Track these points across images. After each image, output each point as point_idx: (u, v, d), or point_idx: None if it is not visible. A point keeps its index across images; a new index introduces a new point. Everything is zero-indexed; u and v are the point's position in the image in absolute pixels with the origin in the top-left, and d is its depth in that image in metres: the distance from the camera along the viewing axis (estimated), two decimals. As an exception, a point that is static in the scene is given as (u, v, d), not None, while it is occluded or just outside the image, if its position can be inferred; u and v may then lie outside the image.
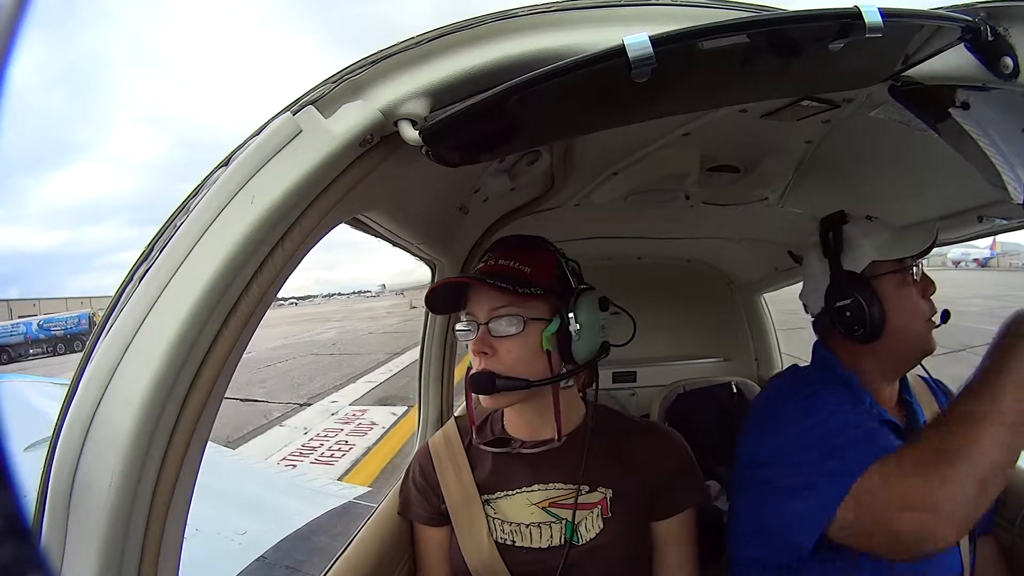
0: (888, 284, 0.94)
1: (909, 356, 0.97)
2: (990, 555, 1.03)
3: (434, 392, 1.46)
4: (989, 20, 0.60)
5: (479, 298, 0.89)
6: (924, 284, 0.96)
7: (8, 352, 25.44)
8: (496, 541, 0.93)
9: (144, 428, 0.49)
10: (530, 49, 0.59)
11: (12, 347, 25.69)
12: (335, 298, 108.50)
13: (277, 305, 49.61)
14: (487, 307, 0.88)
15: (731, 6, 0.61)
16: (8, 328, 27.07)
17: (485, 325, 0.88)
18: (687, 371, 2.10)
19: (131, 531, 0.50)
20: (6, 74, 0.26)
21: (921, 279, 0.96)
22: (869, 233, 0.98)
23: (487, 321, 0.88)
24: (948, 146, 0.76)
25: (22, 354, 25.46)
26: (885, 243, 0.96)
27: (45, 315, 29.99)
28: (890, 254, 0.95)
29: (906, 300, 0.94)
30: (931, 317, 0.95)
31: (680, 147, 1.14)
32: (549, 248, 0.95)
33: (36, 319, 27.84)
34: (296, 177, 0.54)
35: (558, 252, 0.95)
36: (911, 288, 0.95)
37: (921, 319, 0.95)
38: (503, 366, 0.87)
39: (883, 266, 0.95)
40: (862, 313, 0.92)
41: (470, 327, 0.90)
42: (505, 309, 0.88)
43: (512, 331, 0.87)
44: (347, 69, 0.58)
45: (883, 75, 0.68)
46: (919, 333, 0.95)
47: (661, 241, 2.01)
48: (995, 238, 2.54)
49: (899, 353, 0.96)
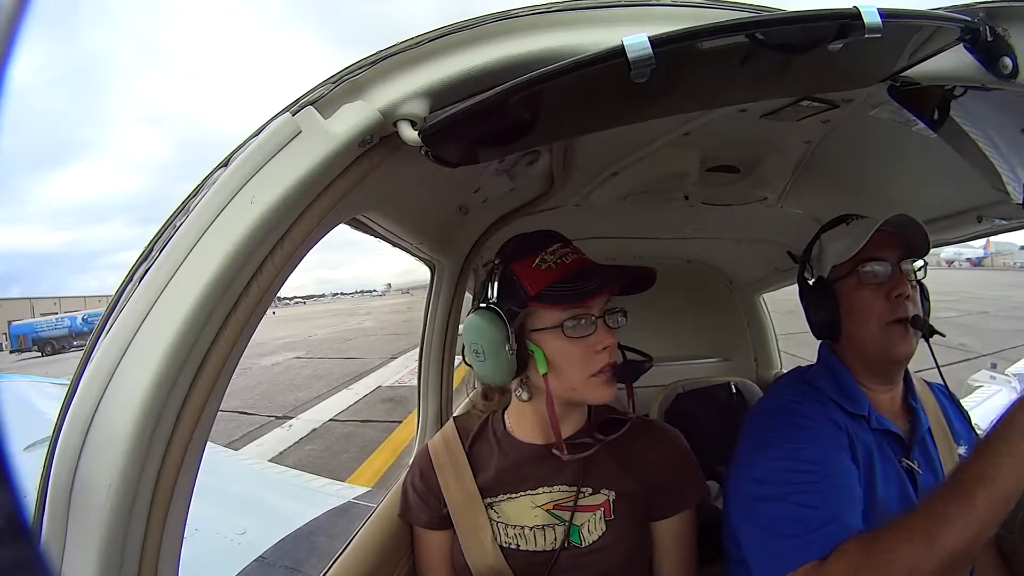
0: (844, 287, 0.95)
1: (873, 361, 0.95)
2: (992, 562, 1.02)
3: (433, 392, 1.46)
4: (988, 20, 0.60)
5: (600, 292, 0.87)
6: (891, 285, 0.92)
7: (52, 344, 26.56)
8: (500, 545, 0.93)
9: (144, 428, 0.49)
10: (530, 49, 0.59)
11: (56, 339, 26.86)
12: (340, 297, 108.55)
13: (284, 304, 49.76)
14: (603, 300, 0.88)
15: (731, 6, 0.61)
16: (54, 322, 28.27)
17: (602, 319, 0.87)
18: (686, 371, 2.10)
19: (131, 531, 0.50)
20: (6, 73, 0.26)
21: (891, 280, 0.92)
22: (835, 237, 0.98)
23: (602, 315, 0.87)
24: (947, 146, 0.76)
25: (65, 346, 26.35)
26: (845, 246, 0.95)
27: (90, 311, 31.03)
28: (844, 257, 0.95)
29: (858, 302, 0.94)
30: (895, 320, 0.91)
31: (680, 147, 1.14)
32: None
33: (81, 313, 29.06)
34: (296, 177, 0.54)
35: None
36: (865, 291, 0.93)
37: (874, 323, 0.92)
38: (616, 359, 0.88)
39: (840, 269, 0.96)
40: (812, 316, 0.98)
41: (588, 321, 0.86)
42: (612, 303, 0.89)
43: (622, 323, 0.89)
44: (347, 69, 0.58)
45: (882, 75, 0.68)
46: (873, 336, 0.92)
47: (661, 241, 2.01)
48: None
49: (863, 357, 0.95)
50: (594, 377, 0.86)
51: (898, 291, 0.91)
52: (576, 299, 0.84)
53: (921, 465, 0.93)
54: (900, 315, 0.91)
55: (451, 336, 1.44)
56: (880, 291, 0.92)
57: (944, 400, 1.06)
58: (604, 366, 0.86)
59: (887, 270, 0.93)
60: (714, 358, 2.32)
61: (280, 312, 52.60)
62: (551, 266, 0.86)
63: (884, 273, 0.93)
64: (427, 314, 1.42)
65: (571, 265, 0.87)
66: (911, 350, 0.93)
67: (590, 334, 0.85)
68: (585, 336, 0.85)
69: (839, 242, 0.97)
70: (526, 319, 0.86)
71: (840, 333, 0.97)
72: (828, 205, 1.31)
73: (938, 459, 0.95)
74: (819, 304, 0.98)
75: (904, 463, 0.92)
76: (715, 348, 2.34)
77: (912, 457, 0.93)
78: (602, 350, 0.85)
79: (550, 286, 0.85)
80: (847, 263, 0.94)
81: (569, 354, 0.85)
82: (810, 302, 1.00)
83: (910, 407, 0.99)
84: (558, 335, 0.85)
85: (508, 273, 0.88)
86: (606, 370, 0.86)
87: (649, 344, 0.96)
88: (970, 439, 1.02)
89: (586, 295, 0.84)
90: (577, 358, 0.85)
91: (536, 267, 0.87)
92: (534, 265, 0.87)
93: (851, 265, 0.94)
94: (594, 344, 0.85)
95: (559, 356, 0.85)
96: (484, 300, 0.89)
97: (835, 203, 1.12)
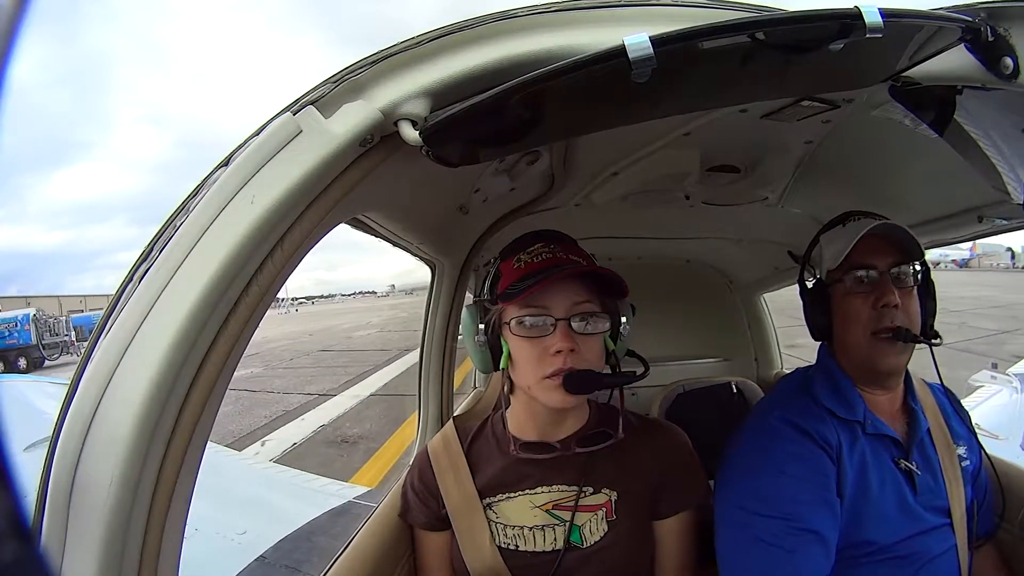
0: (836, 292, 0.96)
1: (862, 369, 0.95)
2: (992, 561, 1.02)
3: (434, 392, 1.46)
4: (989, 20, 0.60)
5: (561, 291, 0.83)
6: (877, 294, 0.90)
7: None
8: (499, 546, 0.92)
9: (144, 428, 0.49)
10: (531, 49, 0.59)
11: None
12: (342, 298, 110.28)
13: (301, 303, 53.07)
14: (569, 301, 0.83)
15: (731, 6, 0.61)
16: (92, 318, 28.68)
17: (565, 320, 0.83)
18: (687, 371, 2.10)
19: (131, 531, 0.50)
20: (7, 72, 0.26)
21: (877, 288, 0.91)
22: (833, 240, 0.98)
23: (567, 316, 0.83)
24: (948, 146, 0.76)
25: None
26: (836, 250, 0.95)
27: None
28: (834, 262, 0.94)
29: (845, 309, 0.94)
30: (880, 330, 0.90)
31: (680, 147, 1.13)
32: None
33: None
34: (296, 177, 0.54)
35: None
36: (854, 297, 0.93)
37: (858, 330, 0.92)
38: (585, 365, 0.82)
39: (834, 273, 0.96)
40: (810, 319, 1.00)
41: (542, 321, 0.83)
42: (589, 305, 0.84)
43: (600, 328, 0.85)
44: (347, 69, 0.58)
45: (883, 75, 0.68)
46: (859, 344, 0.92)
47: (661, 241, 2.01)
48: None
49: (853, 364, 0.95)
50: (547, 379, 0.83)
51: (883, 300, 0.90)
52: (516, 295, 0.83)
53: (919, 466, 0.93)
54: (885, 325, 0.90)
55: (451, 336, 1.44)
56: (868, 299, 0.91)
57: (943, 400, 1.06)
58: (554, 371, 0.82)
59: (876, 277, 0.92)
60: (715, 358, 2.31)
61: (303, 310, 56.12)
62: (522, 264, 0.87)
63: (872, 280, 0.92)
64: (427, 314, 1.42)
65: (537, 264, 0.86)
66: (897, 363, 0.92)
67: (545, 335, 0.83)
68: (539, 336, 0.84)
69: (833, 245, 0.97)
70: (500, 315, 0.88)
71: (832, 337, 0.98)
72: (829, 205, 1.30)
73: (937, 460, 0.95)
74: (814, 307, 1.00)
75: (903, 465, 0.92)
76: (716, 348, 2.33)
77: (911, 459, 0.93)
78: (554, 353, 0.82)
79: (512, 284, 0.85)
80: (839, 268, 0.94)
81: (524, 352, 0.85)
82: (806, 304, 1.02)
83: (910, 409, 0.99)
84: (517, 332, 0.85)
85: (496, 270, 0.91)
86: (557, 375, 0.82)
87: (650, 344, 0.96)
88: (969, 439, 1.03)
89: (523, 291, 0.82)
90: (531, 358, 0.84)
91: (513, 265, 0.88)
92: (513, 264, 0.88)
93: (842, 270, 0.94)
94: (548, 346, 0.83)
95: (516, 353, 0.86)
96: (476, 296, 0.92)
97: (836, 203, 1.11)
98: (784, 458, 0.90)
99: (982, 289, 20.07)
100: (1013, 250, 44.22)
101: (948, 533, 0.91)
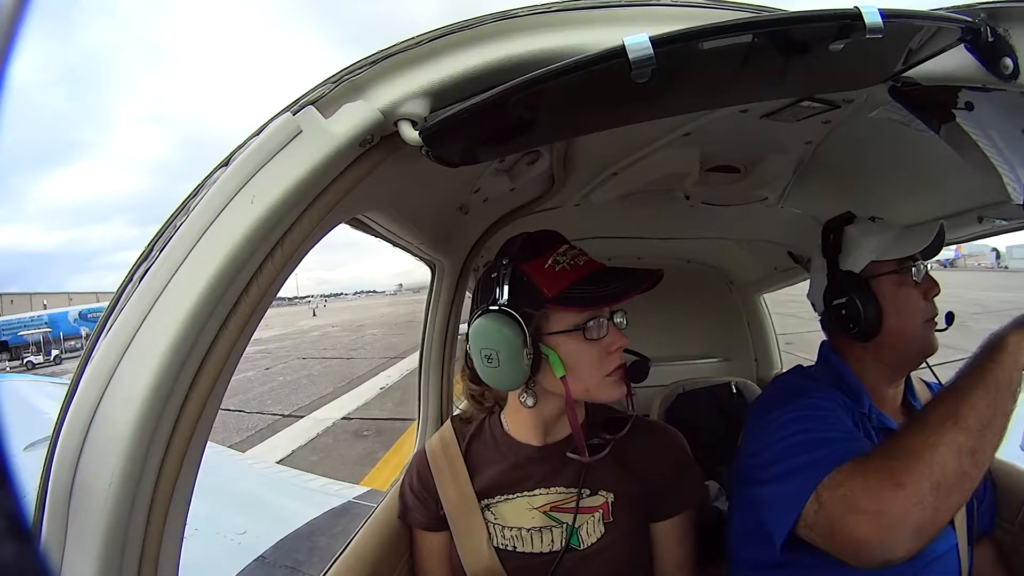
0: (886, 284, 0.96)
1: (908, 356, 0.97)
2: (989, 558, 1.03)
3: (434, 393, 1.45)
4: (989, 21, 0.60)
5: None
6: (926, 285, 0.96)
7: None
8: (496, 547, 0.92)
9: (144, 428, 0.49)
10: (531, 49, 0.59)
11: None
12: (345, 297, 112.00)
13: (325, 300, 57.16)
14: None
15: (731, 6, 0.61)
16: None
17: (610, 320, 0.87)
18: (687, 371, 2.10)
19: (131, 531, 0.50)
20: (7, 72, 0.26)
21: (924, 280, 0.97)
22: (869, 234, 0.99)
23: (610, 317, 0.87)
24: (948, 147, 0.76)
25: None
26: (884, 244, 0.97)
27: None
28: (888, 254, 0.96)
29: (903, 300, 0.95)
30: (931, 318, 0.95)
31: (680, 147, 1.13)
32: None
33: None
34: (296, 177, 0.54)
35: None
36: (910, 288, 0.96)
37: (919, 320, 0.95)
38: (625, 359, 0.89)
39: (881, 266, 0.96)
40: (856, 312, 0.95)
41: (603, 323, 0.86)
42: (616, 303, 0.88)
43: (625, 324, 0.89)
44: (347, 69, 0.58)
45: (883, 76, 0.68)
46: (916, 333, 0.95)
47: (661, 241, 2.00)
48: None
49: (898, 353, 0.97)
50: (608, 377, 0.86)
51: (935, 291, 0.96)
52: (602, 301, 0.84)
53: None
54: (935, 313, 0.96)
55: (451, 336, 1.44)
56: (919, 290, 0.96)
57: None
58: (618, 366, 0.87)
59: (921, 269, 0.97)
60: (714, 358, 2.32)
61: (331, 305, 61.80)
62: (566, 267, 0.85)
63: (919, 272, 0.97)
64: (427, 314, 1.41)
65: (585, 267, 0.87)
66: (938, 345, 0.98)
67: (605, 335, 0.85)
68: (601, 338, 0.85)
69: (876, 238, 0.98)
70: (541, 322, 0.85)
71: (880, 329, 0.95)
72: (828, 205, 1.30)
73: None
74: (864, 299, 0.95)
75: None
76: (715, 348, 2.33)
77: None
78: (615, 350, 0.86)
79: (569, 288, 0.83)
80: (890, 260, 0.96)
81: (586, 355, 0.85)
82: (845, 297, 0.97)
83: (910, 406, 1.01)
84: (575, 337, 0.84)
85: (518, 274, 0.85)
86: (619, 370, 0.87)
87: (649, 344, 0.96)
88: None
89: (611, 298, 0.83)
90: (594, 359, 0.85)
91: (550, 268, 0.85)
92: (547, 266, 0.85)
93: (895, 263, 0.96)
94: (607, 345, 0.85)
95: (574, 358, 0.84)
96: (493, 302, 0.85)
97: (835, 203, 1.12)
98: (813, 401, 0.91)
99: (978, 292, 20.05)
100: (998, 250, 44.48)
101: (949, 533, 0.92)
